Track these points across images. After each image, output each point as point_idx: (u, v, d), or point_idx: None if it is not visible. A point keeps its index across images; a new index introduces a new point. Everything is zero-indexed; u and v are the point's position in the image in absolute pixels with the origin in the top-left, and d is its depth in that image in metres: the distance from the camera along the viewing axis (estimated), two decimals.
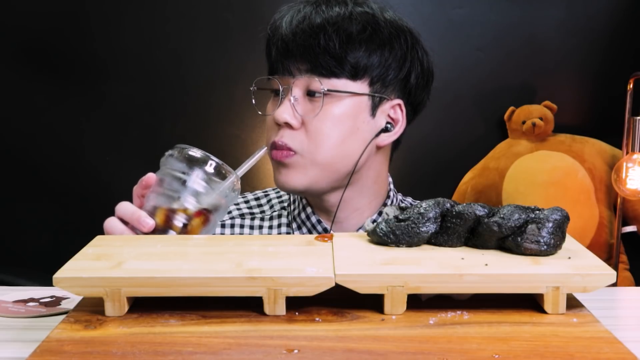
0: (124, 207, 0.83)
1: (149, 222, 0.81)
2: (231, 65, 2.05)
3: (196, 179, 0.83)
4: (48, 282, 0.69)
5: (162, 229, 0.81)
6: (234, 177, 0.85)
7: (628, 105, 1.93)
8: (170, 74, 2.10)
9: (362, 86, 0.94)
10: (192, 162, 0.84)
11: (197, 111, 2.11)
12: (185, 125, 2.11)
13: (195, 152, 0.84)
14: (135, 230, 0.82)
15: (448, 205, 0.70)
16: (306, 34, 0.92)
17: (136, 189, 0.88)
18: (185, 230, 0.82)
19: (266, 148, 0.95)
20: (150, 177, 0.86)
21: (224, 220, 1.07)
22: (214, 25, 2.06)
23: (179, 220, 0.82)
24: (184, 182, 0.83)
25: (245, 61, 1.95)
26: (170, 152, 0.86)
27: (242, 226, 1.07)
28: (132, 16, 2.07)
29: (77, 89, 2.10)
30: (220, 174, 0.84)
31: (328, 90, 0.92)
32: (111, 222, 0.83)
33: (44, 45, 2.08)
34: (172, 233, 0.82)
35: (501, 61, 2.11)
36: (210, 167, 0.84)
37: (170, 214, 0.82)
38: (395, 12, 0.98)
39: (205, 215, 0.83)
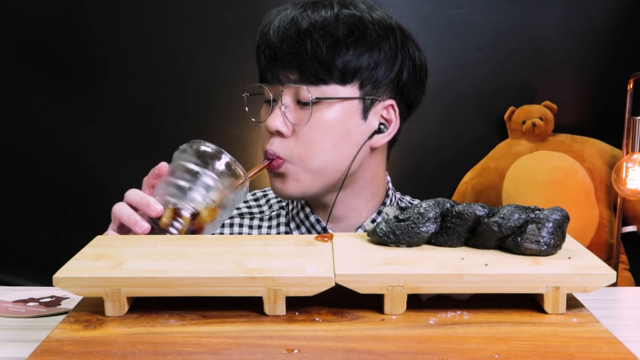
0: (133, 193, 0.84)
1: (158, 208, 0.81)
2: (231, 66, 2.05)
3: (208, 173, 0.84)
4: (48, 282, 0.69)
5: (170, 217, 0.82)
6: (244, 177, 0.86)
7: (628, 105, 1.93)
8: (170, 74, 2.10)
9: (351, 90, 0.93)
10: (205, 157, 0.84)
11: (197, 111, 2.11)
12: (186, 126, 2.11)
13: (209, 147, 0.85)
14: (143, 216, 0.82)
15: (448, 205, 0.70)
16: (293, 41, 0.91)
17: (147, 179, 0.88)
18: (192, 221, 0.83)
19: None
20: (163, 166, 0.86)
21: None
22: (214, 25, 2.06)
23: (187, 211, 0.82)
24: (195, 175, 0.83)
25: (246, 61, 1.94)
26: (184, 146, 0.87)
27: (241, 226, 1.07)
28: (132, 16, 2.07)
29: (77, 89, 2.10)
30: (231, 171, 0.85)
31: (317, 98, 0.91)
32: (120, 207, 0.83)
33: (44, 45, 2.08)
34: (179, 222, 0.82)
35: (501, 61, 2.10)
36: (222, 163, 0.85)
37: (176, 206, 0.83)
38: (385, 10, 0.97)
39: (213, 209, 0.84)
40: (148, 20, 2.07)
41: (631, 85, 1.93)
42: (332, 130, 0.93)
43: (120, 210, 0.83)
